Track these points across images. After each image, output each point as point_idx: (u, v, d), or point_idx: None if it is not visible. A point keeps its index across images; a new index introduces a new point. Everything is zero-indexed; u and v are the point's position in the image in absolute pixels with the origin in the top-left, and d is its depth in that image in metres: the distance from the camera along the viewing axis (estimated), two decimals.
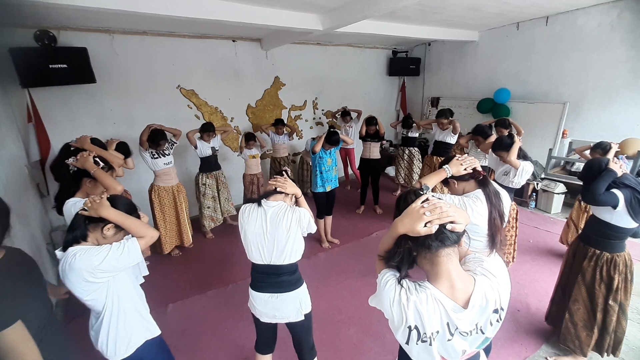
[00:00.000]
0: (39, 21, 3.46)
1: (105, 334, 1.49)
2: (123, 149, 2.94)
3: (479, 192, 1.65)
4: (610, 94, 4.48)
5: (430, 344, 0.94)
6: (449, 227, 0.92)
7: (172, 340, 2.65)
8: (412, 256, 0.99)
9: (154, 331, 1.68)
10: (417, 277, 1.02)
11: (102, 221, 1.46)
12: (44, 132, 3.60)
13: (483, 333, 0.98)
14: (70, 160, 2.00)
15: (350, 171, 6.22)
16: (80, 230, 1.44)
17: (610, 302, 2.14)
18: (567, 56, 4.79)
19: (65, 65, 3.45)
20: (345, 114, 5.66)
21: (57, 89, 3.73)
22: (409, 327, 0.93)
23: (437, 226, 0.92)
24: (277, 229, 1.74)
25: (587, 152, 3.45)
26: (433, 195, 1.07)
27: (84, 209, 1.44)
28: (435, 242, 0.93)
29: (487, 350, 2.05)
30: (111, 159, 2.31)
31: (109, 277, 1.45)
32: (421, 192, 1.02)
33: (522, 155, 2.81)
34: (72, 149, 2.38)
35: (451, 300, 0.94)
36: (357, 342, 2.60)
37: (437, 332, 0.93)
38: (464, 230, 0.97)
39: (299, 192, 1.87)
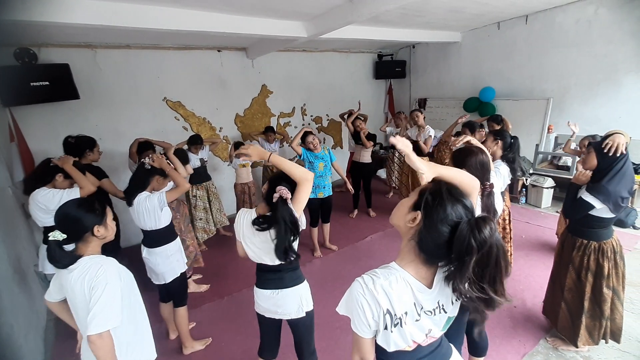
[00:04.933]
0: (19, 39, 3.40)
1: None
2: (182, 155, 3.15)
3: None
4: (592, 88, 4.59)
5: (402, 326, 0.96)
6: None
7: (167, 357, 2.60)
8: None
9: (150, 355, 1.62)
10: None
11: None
12: (28, 151, 3.52)
13: (445, 312, 1.00)
14: (148, 160, 2.32)
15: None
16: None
17: (605, 289, 2.17)
18: (548, 53, 4.89)
19: (47, 83, 3.40)
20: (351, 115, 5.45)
21: (39, 107, 3.67)
22: (383, 312, 0.94)
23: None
24: (265, 243, 1.73)
25: (574, 147, 3.50)
26: None
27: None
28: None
29: (483, 349, 2.05)
30: (78, 180, 2.45)
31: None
32: None
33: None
34: (51, 164, 2.45)
35: (417, 280, 0.97)
36: None
37: (406, 313, 0.95)
38: None
39: (266, 154, 1.68)
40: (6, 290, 2.25)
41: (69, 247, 1.42)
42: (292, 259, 1.70)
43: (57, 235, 1.38)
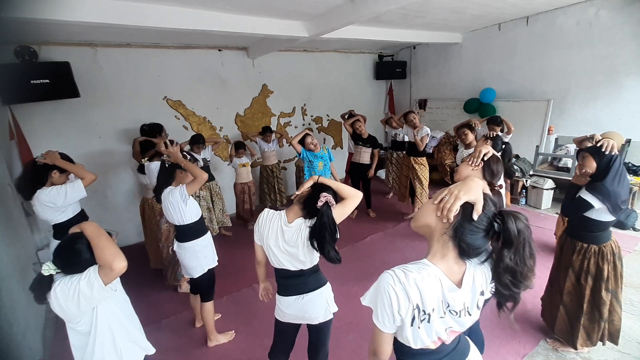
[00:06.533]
0: (19, 36, 3.39)
1: None
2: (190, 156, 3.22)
3: None
4: (592, 90, 4.59)
5: (429, 322, 0.97)
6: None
7: (166, 358, 2.59)
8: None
9: (148, 349, 1.63)
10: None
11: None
12: (27, 150, 3.51)
13: (470, 315, 1.02)
14: (166, 158, 2.44)
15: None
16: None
17: (603, 292, 2.17)
18: (548, 54, 4.90)
19: (47, 81, 3.38)
20: (351, 116, 5.51)
21: (39, 105, 3.66)
22: (412, 306, 0.95)
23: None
24: (294, 247, 1.72)
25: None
26: None
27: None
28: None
29: (480, 345, 2.05)
30: (76, 172, 2.40)
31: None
32: None
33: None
34: (38, 164, 2.30)
35: (449, 279, 0.98)
36: (356, 347, 2.57)
37: (433, 309, 0.97)
38: None
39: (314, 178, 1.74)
40: (5, 288, 2.24)
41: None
42: (338, 259, 1.70)
43: (51, 269, 1.27)
